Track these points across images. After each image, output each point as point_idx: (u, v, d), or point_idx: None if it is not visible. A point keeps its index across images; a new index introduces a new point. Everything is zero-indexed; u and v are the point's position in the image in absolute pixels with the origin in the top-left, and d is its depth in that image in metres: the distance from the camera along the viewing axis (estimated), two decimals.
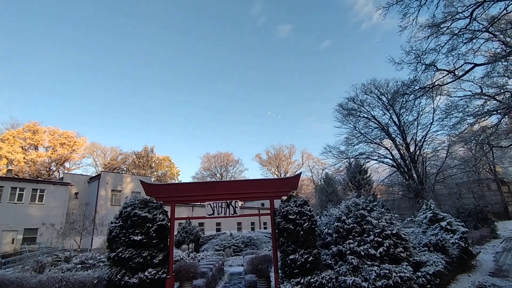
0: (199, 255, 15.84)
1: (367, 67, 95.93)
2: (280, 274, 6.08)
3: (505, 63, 20.47)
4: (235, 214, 6.80)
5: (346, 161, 31.30)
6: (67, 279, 6.39)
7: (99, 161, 59.05)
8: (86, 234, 21.90)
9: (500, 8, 15.57)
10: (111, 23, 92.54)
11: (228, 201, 6.81)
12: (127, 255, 5.77)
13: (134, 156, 59.35)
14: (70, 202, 28.86)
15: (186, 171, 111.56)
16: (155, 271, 5.84)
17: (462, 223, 11.34)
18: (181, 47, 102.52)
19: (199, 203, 35.02)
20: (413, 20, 17.57)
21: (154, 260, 5.97)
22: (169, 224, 6.45)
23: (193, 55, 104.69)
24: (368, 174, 30.50)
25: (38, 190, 26.31)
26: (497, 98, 20.07)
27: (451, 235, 9.72)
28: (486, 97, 20.25)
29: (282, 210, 6.34)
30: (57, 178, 42.34)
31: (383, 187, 31.94)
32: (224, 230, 28.86)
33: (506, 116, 21.25)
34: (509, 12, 16.39)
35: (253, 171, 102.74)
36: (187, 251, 17.57)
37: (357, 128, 30.98)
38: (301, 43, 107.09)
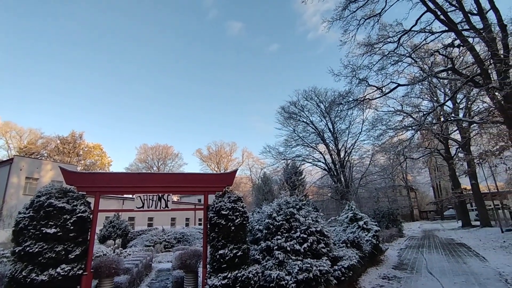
0: (126, 251, 14.90)
1: (309, 75, 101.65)
2: (208, 269, 6.07)
3: (421, 87, 23.79)
4: (166, 208, 6.56)
5: (284, 162, 32.78)
6: None
7: (14, 144, 51.19)
8: None
9: (421, 38, 17.96)
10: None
11: (160, 194, 6.54)
12: (37, 250, 5.13)
13: (59, 141, 52.77)
14: None
15: (120, 162, 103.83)
16: (69, 267, 5.31)
17: (376, 223, 12.83)
18: (121, 30, 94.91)
19: (131, 197, 32.92)
20: (352, 37, 19.24)
21: (70, 256, 5.42)
22: (91, 216, 5.92)
23: (135, 40, 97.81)
24: (302, 176, 32.36)
25: None
26: (413, 116, 23.21)
27: (366, 233, 10.92)
28: (404, 114, 23.25)
29: (216, 205, 6.35)
30: None
31: (315, 189, 34.29)
32: (156, 226, 27.62)
33: (418, 132, 24.72)
34: (428, 43, 19.02)
35: (193, 166, 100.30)
36: (112, 247, 16.37)
37: (296, 132, 32.70)
38: (250, 43, 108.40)
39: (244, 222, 6.41)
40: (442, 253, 13.50)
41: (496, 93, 14.76)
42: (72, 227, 5.54)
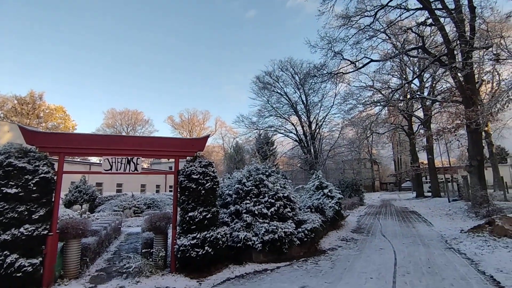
0: (94, 215, 14.74)
1: (286, 45, 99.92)
2: (178, 231, 6.25)
3: (392, 63, 24.47)
4: (136, 171, 6.50)
5: (256, 132, 33.04)
6: None
7: None
8: None
9: (396, 15, 18.17)
10: None
11: (129, 157, 6.44)
12: None
13: (16, 102, 48.62)
14: None
15: (85, 126, 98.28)
16: (33, 228, 5.21)
17: (340, 192, 13.68)
18: None
19: (98, 162, 31.90)
20: (330, 7, 18.97)
21: (33, 216, 5.30)
22: (55, 178, 5.74)
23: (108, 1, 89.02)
24: (274, 146, 32.98)
25: None
26: (382, 92, 24.07)
27: (330, 200, 11.64)
28: (374, 90, 24.02)
29: (186, 169, 6.40)
30: None
31: (286, 159, 35.28)
32: (126, 192, 27.26)
33: (385, 108, 25.83)
34: (403, 20, 19.30)
35: (164, 134, 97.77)
36: (79, 211, 16.08)
37: (270, 102, 32.73)
38: (226, 6, 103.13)
39: (215, 186, 6.56)
40: (396, 219, 14.84)
41: (459, 74, 15.60)
42: (34, 188, 5.36)
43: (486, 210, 12.60)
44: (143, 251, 6.65)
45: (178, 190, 6.44)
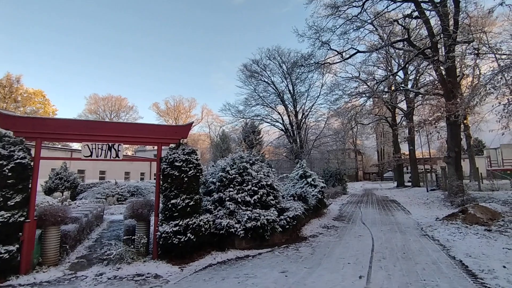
0: (75, 203, 14.46)
1: (274, 33, 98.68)
2: (160, 218, 6.24)
3: (378, 55, 24.72)
4: (117, 158, 6.40)
5: (243, 120, 33.00)
6: None
7: None
8: None
9: (383, 6, 18.22)
10: None
11: (110, 144, 6.31)
12: None
13: None
14: None
15: (66, 112, 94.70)
16: (9, 214, 5.08)
17: (323, 181, 13.94)
18: None
19: (80, 149, 30.99)
20: None
21: (9, 202, 5.16)
22: (31, 163, 5.57)
23: None
24: (260, 135, 33.11)
25: None
26: (367, 83, 24.38)
27: (313, 188, 11.87)
28: (360, 81, 24.31)
29: (169, 156, 6.34)
30: None
31: (272, 148, 35.51)
32: (109, 179, 26.80)
33: (370, 99, 26.25)
34: (390, 11, 19.42)
35: (149, 121, 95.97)
36: (60, 198, 15.73)
37: (257, 91, 32.60)
38: None
39: (198, 174, 6.55)
40: (376, 208, 15.33)
41: (441, 67, 15.97)
42: (10, 174, 5.21)
43: (461, 199, 13.19)
44: (124, 238, 6.61)
45: (161, 177, 6.39)
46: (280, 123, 32.72)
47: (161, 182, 6.40)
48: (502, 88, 9.60)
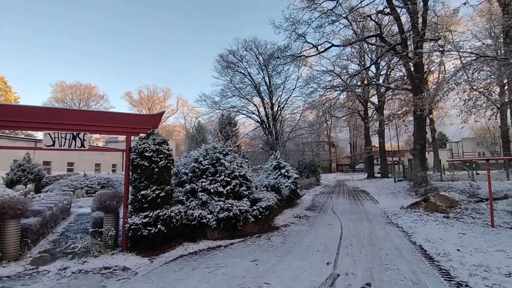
0: (40, 196, 13.73)
1: (250, 25, 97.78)
2: (129, 209, 6.08)
3: (352, 50, 25.31)
4: (83, 148, 6.10)
5: (219, 112, 32.66)
6: None
7: None
8: None
9: (358, 1, 18.59)
10: None
11: (75, 133, 6.00)
12: None
13: None
14: None
15: (30, 100, 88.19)
16: None
17: (297, 172, 14.20)
18: None
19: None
20: None
21: None
22: None
23: None
24: (236, 127, 32.98)
25: None
26: (341, 77, 24.95)
27: (287, 179, 12.06)
28: (334, 75, 24.82)
29: (139, 147, 6.15)
30: None
31: (248, 140, 35.54)
32: (77, 171, 25.60)
33: (344, 93, 26.94)
34: (364, 7, 19.83)
35: (122, 110, 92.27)
36: (23, 191, 14.88)
37: (233, 82, 32.28)
38: None
39: (169, 164, 6.42)
40: (347, 198, 15.91)
41: (410, 63, 16.65)
42: None
43: (424, 189, 14.01)
44: (91, 230, 6.38)
45: (130, 168, 6.20)
46: (256, 115, 32.76)
47: (130, 173, 6.21)
48: (463, 84, 10.19)
